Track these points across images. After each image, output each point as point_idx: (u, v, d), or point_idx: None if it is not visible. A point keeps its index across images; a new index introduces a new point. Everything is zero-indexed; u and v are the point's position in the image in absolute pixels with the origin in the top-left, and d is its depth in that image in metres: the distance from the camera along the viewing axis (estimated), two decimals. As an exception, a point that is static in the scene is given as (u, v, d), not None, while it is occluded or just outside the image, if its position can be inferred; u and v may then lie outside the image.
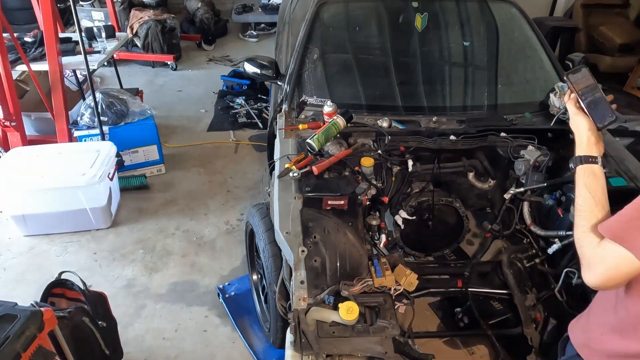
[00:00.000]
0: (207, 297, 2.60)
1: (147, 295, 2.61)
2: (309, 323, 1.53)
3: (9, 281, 2.69)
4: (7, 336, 1.38)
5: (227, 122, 4.37)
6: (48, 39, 3.21)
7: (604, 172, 1.23)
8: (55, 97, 3.31)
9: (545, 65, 2.57)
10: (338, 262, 1.67)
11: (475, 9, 2.72)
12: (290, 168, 1.92)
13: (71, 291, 1.92)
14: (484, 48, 2.64)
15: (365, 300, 1.61)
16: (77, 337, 1.71)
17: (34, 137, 3.63)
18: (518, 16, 2.67)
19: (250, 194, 3.41)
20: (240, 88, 4.83)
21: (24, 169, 2.90)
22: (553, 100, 2.31)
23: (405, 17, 2.60)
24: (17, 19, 4.54)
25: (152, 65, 5.50)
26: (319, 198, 1.82)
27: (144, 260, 2.85)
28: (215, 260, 2.85)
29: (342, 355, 1.49)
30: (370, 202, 1.95)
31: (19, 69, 3.33)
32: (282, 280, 1.81)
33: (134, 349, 2.31)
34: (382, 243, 1.94)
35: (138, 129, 3.42)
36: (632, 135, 3.56)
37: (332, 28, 2.67)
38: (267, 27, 6.56)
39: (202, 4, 6.02)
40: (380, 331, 1.52)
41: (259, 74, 2.57)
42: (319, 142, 2.00)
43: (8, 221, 3.00)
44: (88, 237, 3.01)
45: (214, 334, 2.41)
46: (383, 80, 2.48)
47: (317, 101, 2.36)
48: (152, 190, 3.46)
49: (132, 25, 5.25)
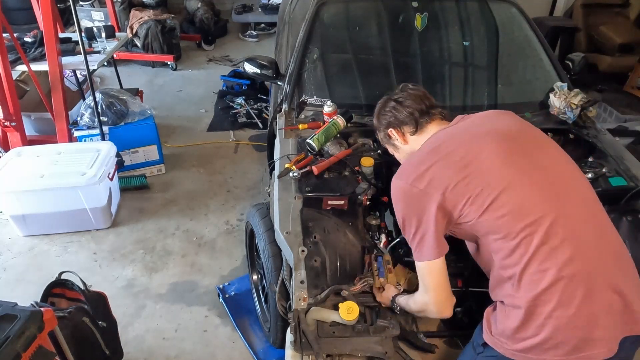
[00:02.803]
0: (207, 297, 2.60)
1: (147, 295, 2.61)
2: (309, 323, 1.53)
3: (9, 281, 2.69)
4: (7, 336, 1.38)
5: (227, 122, 4.37)
6: (48, 39, 3.21)
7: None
8: (55, 97, 3.31)
9: (545, 65, 2.57)
10: (338, 262, 1.67)
11: (475, 9, 2.72)
12: (290, 168, 1.92)
13: (71, 291, 1.92)
14: (484, 48, 2.64)
15: (365, 300, 1.61)
16: (77, 337, 1.71)
17: (34, 137, 3.63)
18: (518, 16, 2.68)
19: (250, 194, 3.41)
20: (240, 88, 4.83)
21: (23, 169, 2.90)
22: (553, 100, 2.31)
23: (405, 17, 2.60)
24: (17, 19, 4.53)
25: (152, 65, 5.50)
26: (319, 198, 1.82)
27: (144, 260, 2.85)
28: (215, 260, 2.85)
29: (342, 355, 1.49)
30: (370, 202, 1.94)
31: (19, 69, 3.33)
32: (282, 280, 1.81)
33: (134, 349, 2.31)
34: (382, 243, 1.94)
35: (138, 129, 3.42)
36: (632, 135, 3.56)
37: (332, 28, 2.67)
38: (267, 27, 6.56)
39: (202, 4, 6.02)
40: (380, 331, 1.52)
41: (259, 74, 2.57)
42: (319, 142, 2.01)
43: (8, 221, 3.00)
44: (88, 237, 3.01)
45: (214, 334, 2.41)
46: (383, 80, 2.48)
47: (317, 101, 2.37)
48: (152, 190, 3.46)
49: (132, 25, 5.25)
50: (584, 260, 1.23)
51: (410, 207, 1.38)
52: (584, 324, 1.20)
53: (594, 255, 1.25)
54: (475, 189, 1.30)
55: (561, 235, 1.23)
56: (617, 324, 1.23)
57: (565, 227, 1.24)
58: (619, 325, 1.23)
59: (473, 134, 1.43)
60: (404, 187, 1.39)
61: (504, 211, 1.27)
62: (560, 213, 1.26)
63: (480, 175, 1.31)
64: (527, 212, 1.25)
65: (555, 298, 1.21)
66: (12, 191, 2.81)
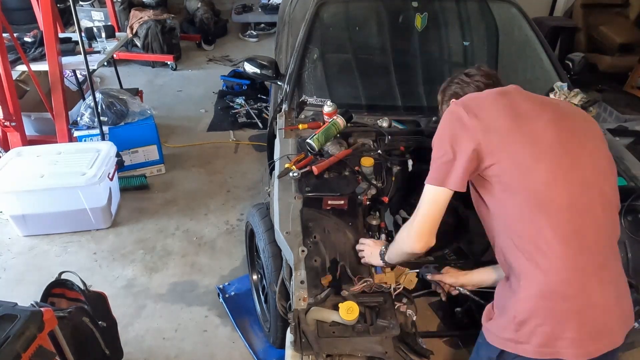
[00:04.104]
0: (207, 297, 2.60)
1: (147, 295, 2.61)
2: (309, 323, 1.53)
3: (9, 281, 2.69)
4: (7, 336, 1.38)
5: (227, 122, 4.37)
6: (48, 39, 3.21)
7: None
8: (55, 97, 3.31)
9: (545, 65, 2.57)
10: (338, 262, 1.67)
11: (475, 9, 2.72)
12: (290, 168, 1.92)
13: (71, 291, 1.92)
14: (484, 48, 2.65)
15: (365, 300, 1.61)
16: (77, 337, 1.71)
17: (34, 137, 3.63)
18: (518, 16, 2.67)
19: (250, 194, 3.41)
20: (240, 88, 4.83)
21: (23, 169, 2.90)
22: (553, 100, 2.30)
23: (405, 17, 2.60)
24: (17, 19, 4.53)
25: (152, 65, 5.50)
26: (319, 198, 1.82)
27: (144, 260, 2.85)
28: (215, 260, 2.85)
29: (342, 355, 1.49)
30: (370, 202, 1.94)
31: (19, 69, 3.33)
32: (282, 280, 1.81)
33: (134, 349, 2.31)
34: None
35: (138, 129, 3.42)
36: (632, 135, 3.56)
37: (332, 28, 2.67)
38: (267, 27, 6.56)
39: (202, 4, 6.02)
40: (380, 331, 1.52)
41: (259, 74, 2.57)
42: (319, 142, 2.00)
43: (8, 221, 3.00)
44: (88, 237, 3.01)
45: (214, 334, 2.41)
46: (383, 80, 2.48)
47: (317, 101, 2.37)
48: (152, 190, 3.45)
49: (132, 25, 5.25)
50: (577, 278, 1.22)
51: (451, 130, 1.34)
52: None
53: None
54: (517, 153, 1.27)
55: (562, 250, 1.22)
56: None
57: (572, 241, 1.23)
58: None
59: (538, 100, 1.40)
60: (455, 110, 1.36)
61: (521, 197, 1.26)
62: (576, 230, 1.24)
63: (530, 139, 1.28)
64: (545, 208, 1.24)
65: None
66: (12, 191, 2.81)
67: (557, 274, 1.21)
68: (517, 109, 1.33)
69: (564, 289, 1.21)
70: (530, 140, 1.28)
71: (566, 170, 1.27)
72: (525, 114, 1.32)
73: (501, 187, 1.29)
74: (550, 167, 1.26)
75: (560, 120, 1.33)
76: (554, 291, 1.21)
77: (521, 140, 1.28)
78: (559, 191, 1.24)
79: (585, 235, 1.24)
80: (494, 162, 1.28)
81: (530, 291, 1.24)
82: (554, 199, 1.24)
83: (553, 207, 1.23)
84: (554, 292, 1.21)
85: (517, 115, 1.31)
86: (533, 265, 1.23)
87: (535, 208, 1.24)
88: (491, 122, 1.31)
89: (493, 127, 1.30)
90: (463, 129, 1.32)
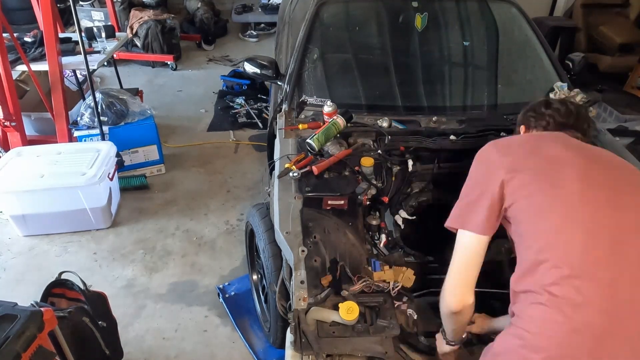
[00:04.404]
0: (207, 297, 2.60)
1: (147, 295, 2.61)
2: (309, 323, 1.53)
3: (9, 281, 2.69)
4: (7, 336, 1.38)
5: (227, 122, 4.37)
6: (48, 39, 3.21)
7: None
8: (55, 97, 3.31)
9: (545, 65, 2.57)
10: (338, 262, 1.67)
11: (475, 9, 2.72)
12: (290, 168, 1.91)
13: (71, 291, 1.92)
14: (484, 48, 2.64)
15: (365, 300, 1.61)
16: (77, 337, 1.71)
17: (34, 137, 3.63)
18: (518, 16, 2.67)
19: (250, 194, 3.41)
20: (240, 88, 4.83)
21: (23, 168, 2.90)
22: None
23: (405, 17, 2.60)
24: (17, 19, 4.53)
25: (152, 65, 5.50)
26: (319, 198, 1.82)
27: (144, 260, 2.85)
28: (215, 260, 2.85)
29: (342, 355, 1.49)
30: (370, 202, 1.94)
31: (19, 69, 3.33)
32: (282, 280, 1.81)
33: (134, 349, 2.31)
34: (382, 243, 1.94)
35: (138, 129, 3.42)
36: (632, 135, 3.56)
37: (332, 28, 2.66)
38: (267, 27, 6.56)
39: (202, 4, 6.02)
40: (380, 331, 1.52)
41: (259, 74, 2.57)
42: (319, 142, 2.00)
43: (8, 221, 3.00)
44: (88, 237, 3.01)
45: (214, 334, 2.41)
46: (383, 80, 2.48)
47: (317, 101, 2.36)
48: (152, 190, 3.46)
49: (132, 25, 5.25)
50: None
51: (479, 169, 1.33)
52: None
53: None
54: (537, 196, 1.21)
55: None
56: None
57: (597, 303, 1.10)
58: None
59: (570, 145, 1.31)
60: (487, 149, 1.35)
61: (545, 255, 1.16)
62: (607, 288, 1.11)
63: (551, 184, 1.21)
64: (567, 266, 1.12)
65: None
66: (12, 191, 2.81)
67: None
68: (544, 152, 1.27)
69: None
70: (550, 185, 1.21)
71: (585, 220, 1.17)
72: (553, 159, 1.25)
73: (515, 227, 1.25)
74: (565, 212, 1.18)
75: (590, 169, 1.23)
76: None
77: (541, 185, 1.22)
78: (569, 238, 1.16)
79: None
80: (512, 203, 1.23)
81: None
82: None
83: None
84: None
85: (542, 159, 1.25)
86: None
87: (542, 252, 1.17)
88: (516, 162, 1.26)
89: (518, 168, 1.25)
90: (488, 166, 1.30)
